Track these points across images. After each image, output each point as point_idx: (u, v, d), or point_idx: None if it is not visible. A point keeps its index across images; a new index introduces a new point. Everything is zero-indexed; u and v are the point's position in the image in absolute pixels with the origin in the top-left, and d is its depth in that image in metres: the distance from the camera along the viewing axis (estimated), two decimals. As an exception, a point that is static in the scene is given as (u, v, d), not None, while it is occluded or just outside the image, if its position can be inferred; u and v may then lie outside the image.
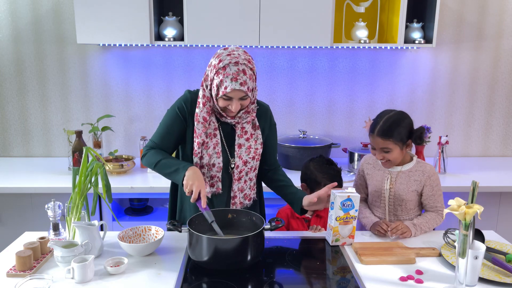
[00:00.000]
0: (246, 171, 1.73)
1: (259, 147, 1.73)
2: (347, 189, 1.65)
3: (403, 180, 1.86)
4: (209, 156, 1.67)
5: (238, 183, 1.73)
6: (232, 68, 1.54)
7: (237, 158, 1.70)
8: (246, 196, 1.77)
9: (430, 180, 1.85)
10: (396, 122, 1.80)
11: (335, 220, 1.62)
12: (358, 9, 2.71)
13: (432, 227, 1.82)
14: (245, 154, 1.70)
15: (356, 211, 1.63)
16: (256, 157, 1.73)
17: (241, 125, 1.69)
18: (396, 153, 1.80)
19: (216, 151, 1.67)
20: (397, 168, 1.88)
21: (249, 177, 1.75)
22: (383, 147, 1.79)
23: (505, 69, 2.99)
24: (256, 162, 1.75)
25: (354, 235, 1.67)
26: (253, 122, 1.72)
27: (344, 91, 2.99)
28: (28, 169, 2.71)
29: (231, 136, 1.71)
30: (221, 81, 1.55)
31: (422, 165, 1.88)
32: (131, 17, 2.47)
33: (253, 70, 1.60)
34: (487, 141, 3.11)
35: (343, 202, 1.61)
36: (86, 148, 1.63)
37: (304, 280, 1.47)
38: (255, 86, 1.65)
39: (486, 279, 1.41)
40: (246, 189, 1.76)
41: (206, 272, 1.47)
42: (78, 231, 1.53)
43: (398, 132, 1.78)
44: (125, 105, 2.95)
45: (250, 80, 1.57)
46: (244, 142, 1.70)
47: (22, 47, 2.85)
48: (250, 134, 1.71)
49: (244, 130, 1.70)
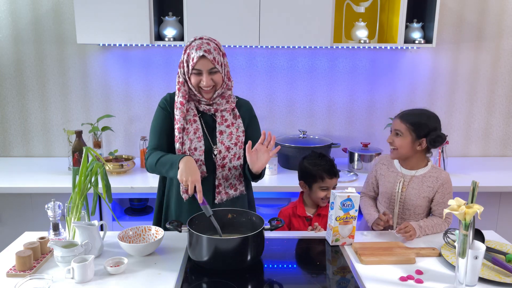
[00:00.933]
0: (230, 158, 1.75)
1: (241, 135, 1.77)
2: (347, 189, 1.65)
3: (415, 185, 1.85)
4: (190, 141, 1.71)
5: (222, 170, 1.75)
6: (197, 41, 1.67)
7: (219, 143, 1.74)
8: (232, 185, 1.78)
9: (443, 188, 1.83)
10: (422, 115, 1.84)
11: (335, 220, 1.63)
12: (358, 9, 2.71)
13: (436, 232, 1.80)
14: (227, 140, 1.74)
15: (356, 211, 1.63)
16: (239, 144, 1.76)
17: (220, 113, 1.75)
18: (406, 142, 1.81)
19: (197, 136, 1.72)
20: (412, 172, 1.87)
21: (233, 165, 1.76)
22: (397, 128, 1.83)
23: (505, 69, 2.99)
24: (240, 150, 1.76)
25: (354, 235, 1.66)
26: (233, 113, 1.78)
27: (344, 91, 2.99)
28: (28, 169, 2.71)
29: (211, 125, 1.77)
30: (188, 55, 1.66)
31: (437, 171, 1.86)
32: (131, 17, 2.47)
33: (218, 45, 1.69)
34: (487, 141, 3.11)
35: (343, 202, 1.61)
36: (86, 148, 1.63)
37: (304, 280, 1.47)
38: (225, 63, 1.72)
39: (486, 279, 1.41)
40: (231, 178, 1.77)
41: (206, 272, 1.47)
42: (78, 231, 1.53)
43: (417, 123, 1.81)
44: (125, 105, 2.95)
45: (215, 51, 1.65)
46: (225, 129, 1.75)
47: (22, 47, 2.85)
48: (231, 122, 1.76)
49: (224, 118, 1.76)
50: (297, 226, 1.94)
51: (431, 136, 1.79)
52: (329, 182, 1.89)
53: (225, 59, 1.72)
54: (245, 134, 1.81)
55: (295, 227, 1.94)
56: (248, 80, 2.94)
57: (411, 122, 1.81)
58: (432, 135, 1.79)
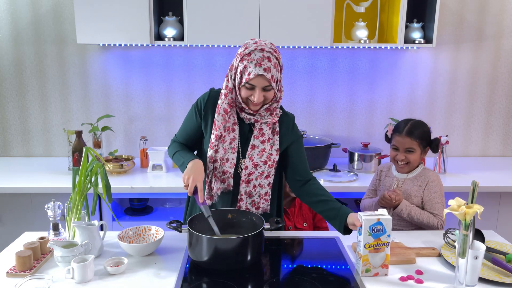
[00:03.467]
0: (256, 176, 1.65)
1: (274, 153, 1.65)
2: (377, 211, 1.46)
3: (408, 186, 1.96)
4: (224, 151, 1.63)
5: (246, 186, 1.65)
6: (257, 54, 1.52)
7: (248, 159, 1.64)
8: (255, 203, 1.68)
9: (429, 186, 1.93)
10: (422, 127, 1.97)
11: (363, 247, 1.43)
12: (358, 9, 2.71)
13: (423, 221, 1.88)
14: (256, 156, 1.64)
15: (388, 236, 1.42)
16: (269, 162, 1.64)
17: (259, 125, 1.64)
18: (417, 155, 1.95)
19: (232, 146, 1.63)
20: (404, 175, 1.99)
21: (259, 183, 1.66)
22: (409, 147, 1.93)
23: (505, 69, 2.99)
24: (269, 169, 1.65)
25: (388, 264, 1.45)
26: (273, 127, 1.65)
27: (344, 91, 2.99)
28: (28, 169, 2.71)
29: (247, 136, 1.67)
30: (245, 67, 1.52)
31: (426, 172, 1.98)
32: (131, 17, 2.47)
33: (278, 60, 1.57)
34: (487, 141, 3.11)
35: (372, 227, 1.41)
36: (86, 148, 1.63)
37: (304, 280, 1.47)
38: (280, 78, 1.60)
39: (486, 279, 1.41)
40: (254, 196, 1.67)
41: (206, 272, 1.47)
42: (78, 231, 1.53)
43: (424, 136, 1.95)
44: (125, 105, 2.95)
45: (274, 69, 1.53)
46: (258, 144, 1.64)
47: (22, 47, 2.85)
48: (267, 138, 1.64)
49: (261, 132, 1.64)
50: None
51: (435, 142, 1.97)
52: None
53: (281, 74, 1.60)
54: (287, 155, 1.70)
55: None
56: (248, 80, 2.94)
57: (419, 136, 1.94)
58: (435, 142, 1.97)
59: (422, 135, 1.94)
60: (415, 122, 1.98)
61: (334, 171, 2.59)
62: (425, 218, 1.88)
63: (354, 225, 1.50)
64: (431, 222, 1.88)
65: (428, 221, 1.87)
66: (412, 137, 1.92)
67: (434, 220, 1.88)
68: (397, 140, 1.96)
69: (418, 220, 1.87)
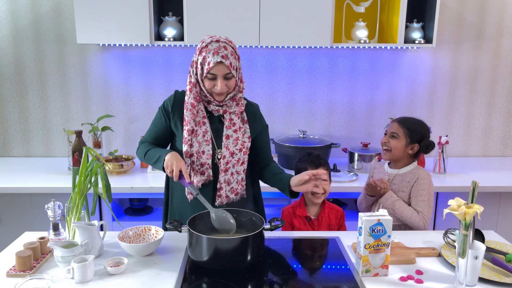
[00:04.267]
0: (233, 163, 1.73)
1: (246, 140, 1.75)
2: (377, 211, 1.46)
3: (397, 181, 1.99)
4: (198, 144, 1.70)
5: (224, 175, 1.73)
6: (213, 44, 1.62)
7: (224, 148, 1.72)
8: (233, 190, 1.76)
9: (418, 182, 1.94)
10: (417, 122, 2.01)
11: (364, 248, 1.43)
12: (358, 9, 2.71)
13: (404, 215, 1.89)
14: (232, 145, 1.72)
15: (389, 237, 1.43)
16: (244, 149, 1.74)
17: (229, 116, 1.72)
18: (400, 145, 1.96)
19: (205, 139, 1.71)
20: (395, 171, 2.01)
21: (236, 170, 1.75)
22: (394, 131, 1.98)
23: (505, 69, 2.99)
24: (244, 156, 1.75)
25: (388, 264, 1.46)
26: (242, 116, 1.76)
27: (344, 91, 2.99)
28: (28, 169, 2.71)
29: (218, 128, 1.75)
30: (204, 58, 1.62)
31: (417, 169, 2.00)
32: (131, 17, 2.47)
33: (234, 49, 1.66)
34: (487, 141, 3.11)
35: (373, 227, 1.41)
36: (86, 148, 1.63)
37: (304, 280, 1.47)
38: (239, 67, 1.69)
39: (486, 279, 1.41)
40: (233, 183, 1.75)
41: (206, 272, 1.47)
42: (78, 231, 1.53)
43: (413, 128, 1.97)
44: (125, 105, 2.95)
45: (232, 56, 1.62)
46: (231, 133, 1.73)
47: (22, 47, 2.85)
48: (238, 127, 1.74)
49: (232, 122, 1.73)
50: (298, 226, 1.94)
51: (425, 142, 1.97)
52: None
53: (239, 63, 1.69)
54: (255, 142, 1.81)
55: (296, 226, 1.95)
56: (248, 80, 2.94)
57: (408, 127, 1.97)
58: (426, 142, 1.97)
59: (412, 127, 1.97)
60: (412, 117, 2.04)
61: (334, 171, 2.59)
62: (408, 213, 1.89)
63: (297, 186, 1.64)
64: (413, 218, 1.88)
65: (410, 217, 1.88)
66: (400, 124, 1.98)
67: (417, 217, 1.89)
68: (389, 127, 2.03)
69: (401, 214, 1.89)
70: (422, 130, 1.99)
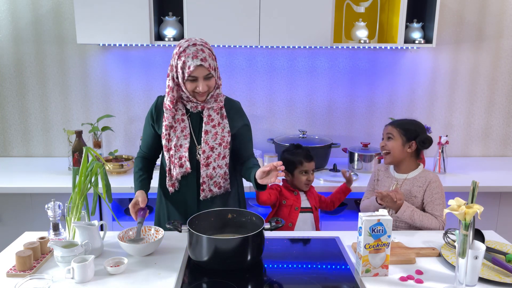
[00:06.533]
0: (214, 157, 1.78)
1: (226, 135, 1.79)
2: (377, 211, 1.47)
3: (407, 187, 1.96)
4: (177, 138, 1.77)
5: (206, 169, 1.77)
6: (191, 48, 1.67)
7: (204, 143, 1.77)
8: (216, 184, 1.80)
9: (430, 186, 1.92)
10: (410, 121, 2.03)
11: (364, 248, 1.44)
12: (358, 9, 2.71)
13: (424, 224, 1.86)
14: (211, 140, 1.77)
15: (389, 236, 1.43)
16: (224, 144, 1.78)
17: (207, 112, 1.77)
18: (397, 144, 1.96)
19: (184, 134, 1.77)
20: (403, 175, 1.99)
21: (218, 164, 1.79)
22: (389, 132, 2.00)
23: (505, 69, 2.99)
24: (225, 150, 1.80)
25: (388, 264, 1.46)
26: (221, 112, 1.80)
27: (344, 91, 2.99)
28: (28, 169, 2.71)
29: (198, 124, 1.80)
30: (184, 63, 1.67)
31: (426, 173, 1.98)
32: (131, 17, 2.47)
33: (211, 50, 1.72)
34: (487, 141, 3.11)
35: (373, 227, 1.42)
36: (86, 148, 1.63)
37: (304, 280, 1.47)
38: (217, 66, 1.75)
39: (486, 279, 1.41)
40: (215, 177, 1.80)
41: (206, 272, 1.47)
42: (78, 231, 1.53)
43: (407, 127, 1.98)
44: (125, 105, 2.95)
45: (209, 58, 1.69)
46: (210, 129, 1.77)
47: (22, 47, 2.85)
48: (217, 122, 1.78)
49: (210, 118, 1.78)
50: (289, 196, 2.11)
51: (420, 138, 1.96)
52: (307, 166, 2.13)
53: (216, 62, 1.76)
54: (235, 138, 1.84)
55: (286, 197, 2.11)
56: (248, 80, 2.94)
57: (401, 126, 1.99)
58: (421, 137, 1.96)
59: (405, 126, 1.99)
60: (405, 118, 2.08)
61: (334, 171, 2.58)
62: (428, 222, 1.85)
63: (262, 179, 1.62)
64: (433, 225, 1.86)
65: (430, 224, 1.85)
66: (393, 125, 2.01)
67: (436, 222, 1.86)
68: (384, 131, 2.05)
69: (421, 223, 1.85)
70: (415, 127, 2.00)
